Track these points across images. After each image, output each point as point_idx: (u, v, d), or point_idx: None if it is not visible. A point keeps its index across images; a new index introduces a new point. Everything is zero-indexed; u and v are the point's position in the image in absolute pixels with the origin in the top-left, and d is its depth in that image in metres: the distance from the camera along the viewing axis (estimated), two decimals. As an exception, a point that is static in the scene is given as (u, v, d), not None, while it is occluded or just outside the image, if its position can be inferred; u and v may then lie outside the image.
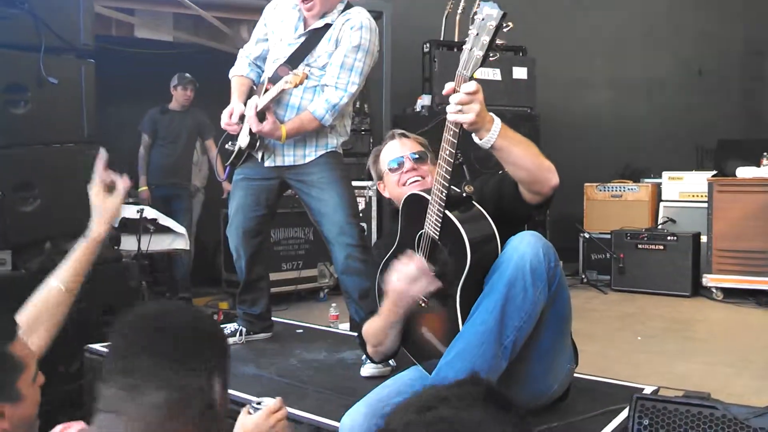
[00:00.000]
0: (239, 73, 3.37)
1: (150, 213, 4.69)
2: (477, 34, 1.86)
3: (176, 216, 5.49)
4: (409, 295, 2.08)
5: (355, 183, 5.58)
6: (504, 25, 1.83)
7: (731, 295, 5.70)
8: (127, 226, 4.50)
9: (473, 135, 1.95)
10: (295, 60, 3.05)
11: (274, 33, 3.26)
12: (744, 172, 5.77)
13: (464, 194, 2.12)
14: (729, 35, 8.23)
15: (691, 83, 7.99)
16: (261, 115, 3.04)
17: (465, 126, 1.91)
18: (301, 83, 2.88)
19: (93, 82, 3.46)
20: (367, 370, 2.83)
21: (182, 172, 6.03)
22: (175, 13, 5.76)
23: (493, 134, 1.92)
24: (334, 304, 4.70)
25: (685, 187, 6.51)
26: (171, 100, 5.93)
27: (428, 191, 2.14)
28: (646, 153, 7.27)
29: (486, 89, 6.49)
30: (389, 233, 2.57)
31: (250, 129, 3.12)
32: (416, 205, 2.20)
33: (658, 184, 6.73)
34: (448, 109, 1.91)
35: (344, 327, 4.10)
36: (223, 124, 3.21)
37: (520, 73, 6.52)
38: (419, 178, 2.39)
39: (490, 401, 0.93)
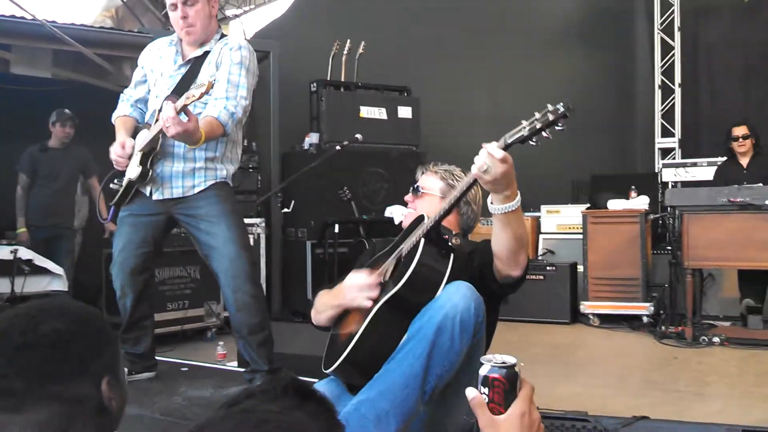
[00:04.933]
0: (122, 114, 3.33)
1: (24, 253, 4.49)
2: (537, 118, 1.95)
3: (58, 257, 5.28)
4: (351, 295, 2.21)
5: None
6: (560, 123, 1.94)
7: (607, 320, 6.00)
8: (1, 267, 4.29)
9: (489, 198, 2.03)
10: (180, 90, 3.04)
11: (153, 71, 3.26)
12: (614, 205, 6.14)
13: (450, 242, 2.21)
14: (601, 79, 8.79)
15: (566, 122, 8.43)
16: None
17: (482, 184, 1.98)
18: (207, 92, 2.84)
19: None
20: (254, 404, 2.80)
21: (64, 212, 5.79)
22: (55, 50, 5.59)
23: (508, 207, 1.99)
24: (221, 343, 4.63)
25: (562, 220, 6.85)
26: (50, 138, 5.73)
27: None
28: (525, 188, 7.54)
29: (373, 128, 6.65)
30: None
31: (141, 158, 3.07)
32: (415, 225, 2.34)
33: (538, 218, 7.04)
34: (476, 159, 1.97)
35: (232, 365, 4.04)
36: (113, 156, 3.15)
37: (405, 112, 6.71)
38: (411, 210, 2.54)
39: (292, 392, 0.96)
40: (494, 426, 1.18)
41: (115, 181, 3.23)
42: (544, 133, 1.94)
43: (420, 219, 2.34)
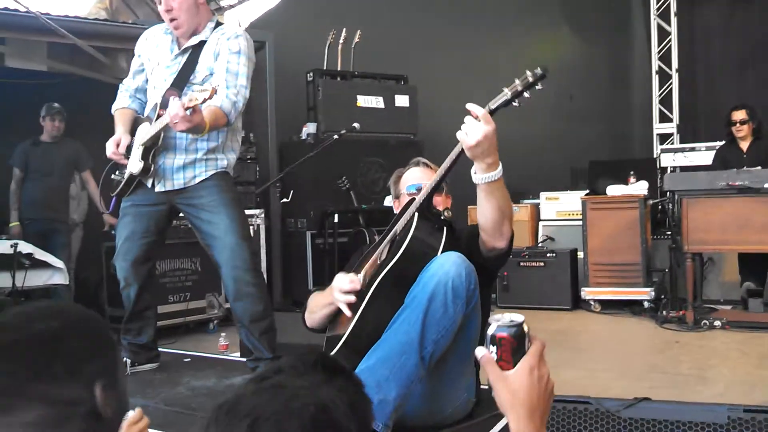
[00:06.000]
0: (121, 106, 3.33)
1: (25, 247, 4.47)
2: (517, 83, 2.04)
3: (54, 251, 5.25)
4: (335, 296, 2.25)
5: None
6: (539, 84, 2.03)
7: (608, 306, 6.00)
8: (1, 262, 4.28)
9: (472, 169, 2.08)
10: (179, 82, 3.05)
11: (151, 60, 3.26)
12: (613, 190, 6.12)
13: (442, 216, 2.26)
14: (596, 65, 8.77)
15: (563, 109, 8.41)
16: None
17: (465, 149, 2.02)
18: (210, 98, 2.81)
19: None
20: (258, 393, 2.80)
21: (58, 206, 5.78)
22: (50, 42, 5.56)
23: (491, 177, 2.05)
24: (223, 334, 4.62)
25: (561, 207, 6.84)
26: (42, 132, 5.72)
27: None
28: (524, 175, 7.57)
29: (370, 117, 6.60)
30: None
31: (143, 152, 3.07)
32: (407, 207, 2.38)
33: (537, 205, 7.03)
34: (462, 127, 2.04)
35: (235, 356, 4.04)
36: (109, 153, 3.15)
37: (402, 101, 6.69)
38: None
39: (321, 368, 0.98)
40: (503, 380, 1.22)
41: (117, 172, 3.23)
42: (525, 94, 2.03)
43: (411, 201, 2.37)
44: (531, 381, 1.21)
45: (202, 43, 3.13)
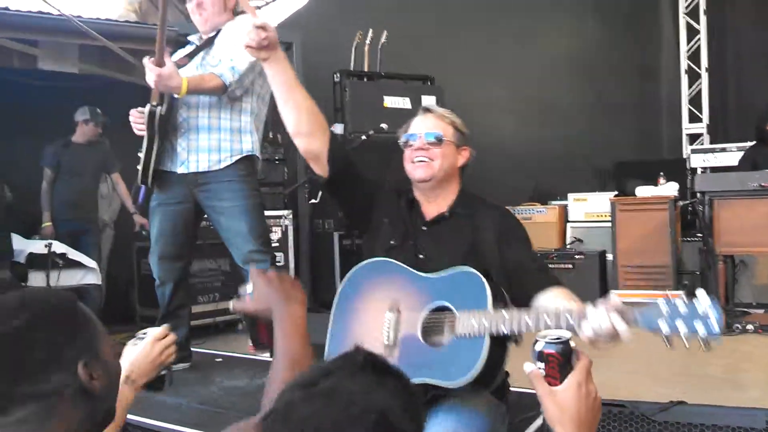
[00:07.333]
0: None
1: (59, 247, 4.54)
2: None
3: (85, 251, 5.33)
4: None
5: (271, 212, 5.57)
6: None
7: (638, 308, 5.93)
8: (35, 261, 4.35)
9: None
10: (192, 54, 3.17)
11: None
12: (643, 191, 6.07)
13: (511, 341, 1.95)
14: (624, 63, 8.69)
15: (589, 108, 8.35)
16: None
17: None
18: None
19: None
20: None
21: (88, 207, 5.86)
22: (81, 45, 5.63)
23: None
24: (252, 334, 4.65)
25: (589, 208, 6.79)
26: (74, 133, 5.79)
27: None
28: (551, 176, 7.53)
29: (397, 118, 6.55)
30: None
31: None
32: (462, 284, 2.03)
33: (565, 206, 6.99)
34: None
35: (265, 356, 4.06)
36: (133, 124, 3.22)
37: (429, 101, 6.68)
38: (426, 160, 2.22)
39: (370, 369, 0.95)
40: (551, 395, 1.24)
41: (138, 153, 3.27)
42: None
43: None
44: (579, 396, 1.24)
45: (218, 32, 3.24)
